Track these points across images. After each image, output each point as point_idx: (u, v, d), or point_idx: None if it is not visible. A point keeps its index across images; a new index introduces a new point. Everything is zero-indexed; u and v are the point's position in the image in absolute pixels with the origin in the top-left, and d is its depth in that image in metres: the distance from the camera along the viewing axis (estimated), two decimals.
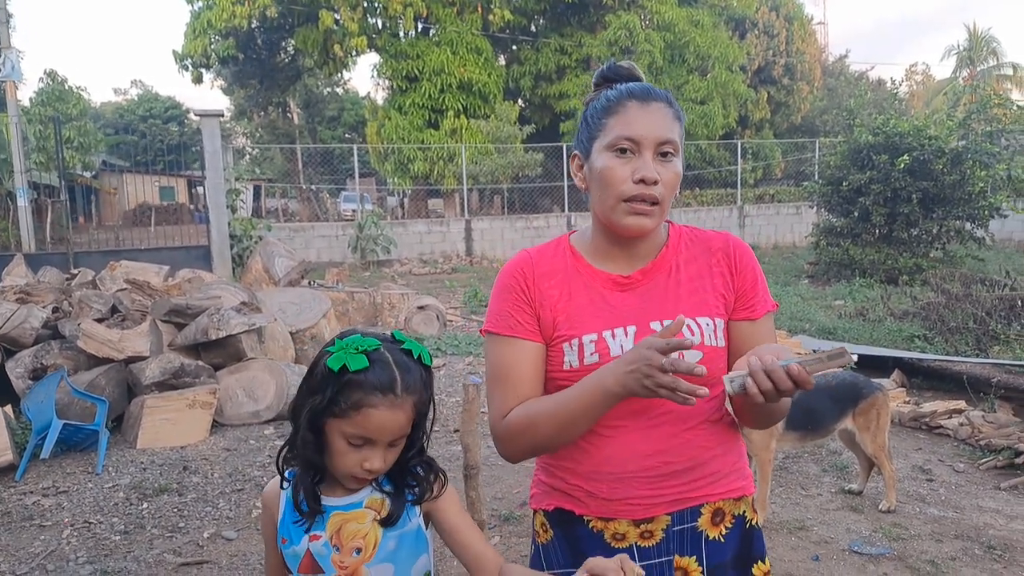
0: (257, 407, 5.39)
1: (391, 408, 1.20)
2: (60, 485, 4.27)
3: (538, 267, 1.42)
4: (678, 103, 1.37)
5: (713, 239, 1.44)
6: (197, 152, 12.60)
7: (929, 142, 11.32)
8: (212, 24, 21.02)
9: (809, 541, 3.53)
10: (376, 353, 1.22)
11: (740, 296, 1.39)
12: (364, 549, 1.27)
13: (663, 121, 1.31)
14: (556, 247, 1.46)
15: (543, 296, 1.39)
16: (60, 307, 5.71)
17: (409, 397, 1.22)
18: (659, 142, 1.30)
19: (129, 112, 44.17)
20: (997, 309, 7.24)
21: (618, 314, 1.36)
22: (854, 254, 12.08)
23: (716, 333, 1.35)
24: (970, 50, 33.68)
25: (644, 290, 1.38)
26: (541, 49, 23.03)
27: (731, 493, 1.41)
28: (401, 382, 1.21)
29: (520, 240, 18.43)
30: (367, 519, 1.28)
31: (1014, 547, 3.41)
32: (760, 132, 26.15)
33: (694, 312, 1.35)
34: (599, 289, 1.38)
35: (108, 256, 9.67)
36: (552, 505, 1.43)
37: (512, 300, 1.40)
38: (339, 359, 1.20)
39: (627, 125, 1.31)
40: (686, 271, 1.39)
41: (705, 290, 1.38)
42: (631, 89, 1.35)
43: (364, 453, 1.23)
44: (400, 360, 1.24)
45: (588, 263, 1.41)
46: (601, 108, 1.35)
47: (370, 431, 1.21)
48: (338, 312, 8.63)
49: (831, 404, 3.83)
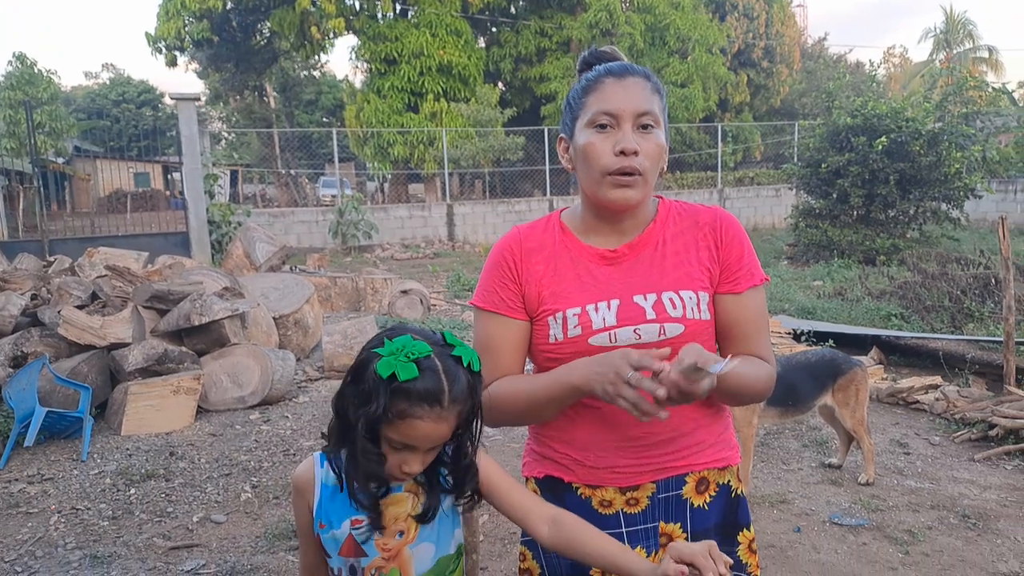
0: (242, 392, 5.39)
1: (436, 420, 1.19)
2: (45, 472, 4.24)
3: (526, 243, 1.45)
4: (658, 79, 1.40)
5: (701, 213, 1.45)
6: (172, 137, 12.42)
7: (906, 124, 11.45)
8: (186, 6, 20.60)
9: (791, 513, 3.61)
10: (427, 361, 1.19)
11: (724, 269, 1.41)
12: (407, 532, 1.29)
13: (640, 94, 1.34)
14: (546, 223, 1.49)
15: (530, 272, 1.42)
16: (39, 294, 5.63)
17: (455, 407, 1.20)
18: (637, 114, 1.33)
19: (101, 96, 43.18)
20: (971, 288, 7.39)
21: (602, 288, 1.39)
22: (833, 235, 12.23)
23: (699, 306, 1.37)
24: (947, 33, 34.03)
25: (630, 264, 1.41)
26: (521, 31, 22.87)
27: (716, 463, 1.44)
28: (448, 394, 1.19)
29: (502, 224, 18.41)
30: (407, 503, 1.29)
31: (987, 516, 3.52)
32: (740, 115, 26.24)
33: (677, 286, 1.37)
34: (585, 263, 1.42)
35: (84, 243, 9.54)
36: (543, 473, 1.48)
37: (499, 277, 1.44)
38: (388, 365, 1.17)
39: (605, 100, 1.34)
40: (672, 245, 1.42)
41: (690, 263, 1.40)
42: (609, 67, 1.38)
43: (403, 456, 1.23)
44: (449, 368, 1.21)
45: (576, 238, 1.44)
46: (581, 88, 1.39)
47: (412, 440, 1.20)
48: (321, 297, 8.61)
49: (811, 380, 3.89)
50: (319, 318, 7.44)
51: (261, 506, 3.83)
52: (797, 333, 6.81)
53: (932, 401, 5.05)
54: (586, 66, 1.46)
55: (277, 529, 3.51)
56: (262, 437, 4.83)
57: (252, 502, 3.87)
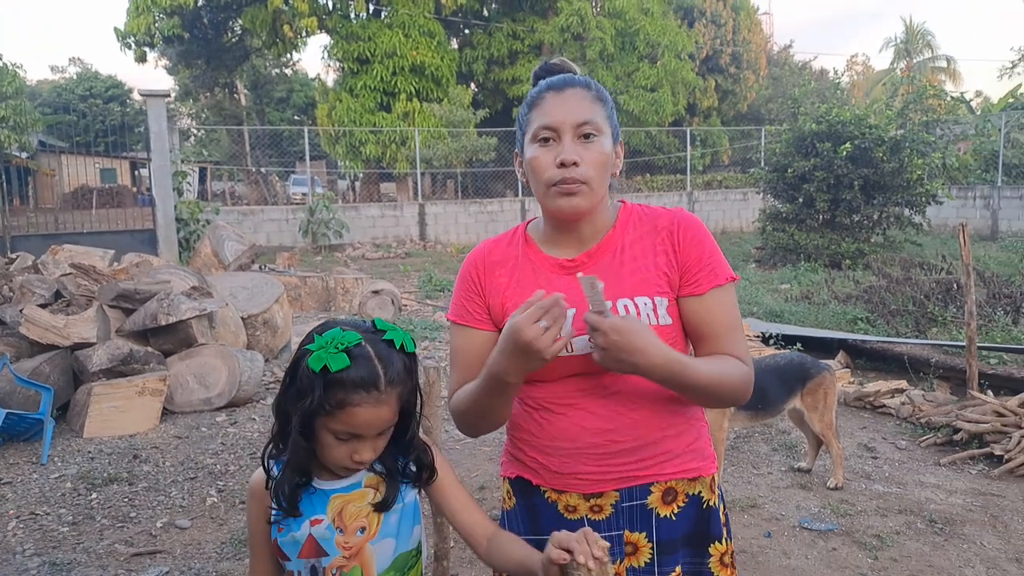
0: (209, 394, 5.29)
1: (375, 404, 1.21)
2: (3, 476, 4.12)
3: (491, 256, 1.49)
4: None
5: (661, 217, 1.44)
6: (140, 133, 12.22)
7: (870, 131, 11.68)
8: (156, 2, 20.27)
9: (761, 518, 3.63)
10: (357, 349, 1.21)
11: (684, 272, 1.39)
12: (368, 527, 1.29)
13: (579, 104, 1.36)
14: (512, 235, 1.52)
15: (493, 285, 1.46)
16: (1, 292, 5.48)
17: (393, 390, 1.23)
18: (576, 124, 1.35)
19: (68, 91, 42.25)
20: (934, 292, 7.54)
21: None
22: (799, 239, 12.42)
23: (656, 312, 1.37)
24: (907, 42, 34.87)
25: (588, 272, 1.40)
26: (494, 34, 22.90)
27: (684, 473, 1.42)
28: (384, 377, 1.21)
29: (474, 224, 18.38)
30: (367, 498, 1.30)
31: (954, 520, 3.57)
32: (708, 119, 26.58)
33: (633, 292, 1.37)
34: (546, 274, 1.43)
35: (47, 240, 9.32)
36: (515, 473, 1.50)
37: (465, 291, 1.49)
38: (320, 359, 1.19)
39: (544, 114, 1.37)
40: (630, 251, 1.41)
41: (647, 269, 1.40)
42: (550, 82, 1.41)
43: (353, 446, 1.24)
44: (382, 353, 1.23)
45: (539, 249, 1.47)
46: (526, 105, 1.43)
47: (356, 427, 1.22)
48: (291, 297, 8.51)
49: (780, 384, 3.92)
50: (288, 318, 7.35)
51: (227, 511, 3.76)
52: (766, 336, 6.89)
53: (898, 405, 5.13)
54: (537, 79, 1.48)
55: (243, 535, 3.44)
56: (229, 440, 4.75)
57: (218, 507, 3.80)
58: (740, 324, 1.44)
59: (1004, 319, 7.08)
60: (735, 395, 1.39)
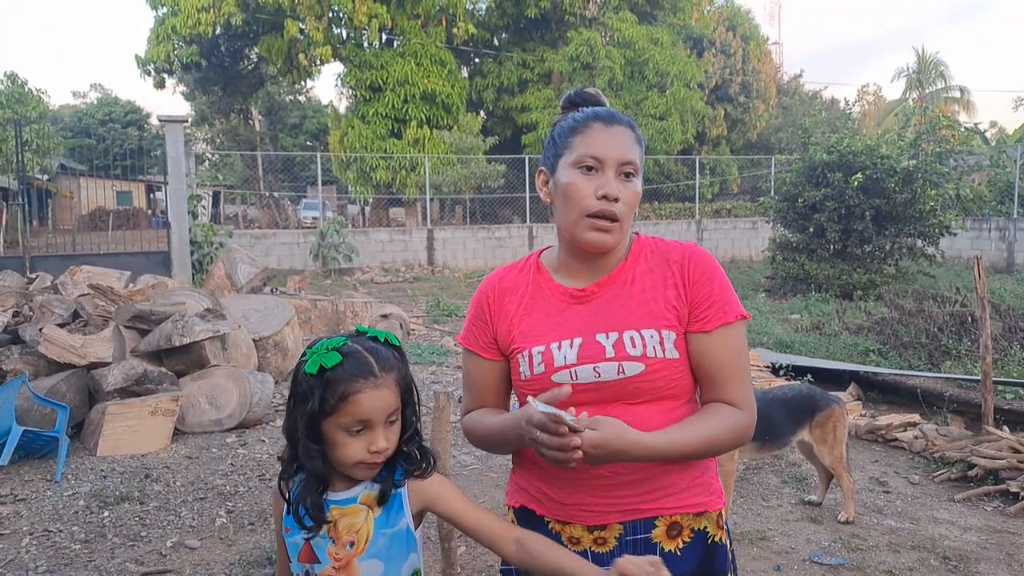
0: (219, 415, 5.31)
1: (375, 388, 1.28)
2: (18, 492, 4.15)
3: (502, 283, 1.52)
4: (638, 124, 1.45)
5: (673, 250, 1.45)
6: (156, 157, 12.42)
7: (881, 161, 11.68)
8: (176, 30, 20.71)
9: (771, 551, 3.59)
10: (346, 347, 1.30)
11: (693, 308, 1.39)
12: (357, 543, 1.33)
13: (626, 143, 1.39)
14: (524, 264, 1.54)
15: (503, 312, 1.49)
16: (21, 311, 5.55)
17: (388, 374, 1.31)
18: (621, 162, 1.38)
19: (88, 115, 43.12)
20: (948, 325, 7.47)
21: (568, 327, 1.41)
22: (810, 269, 12.37)
23: (663, 345, 1.36)
24: (919, 72, 34.98)
25: (598, 303, 1.43)
26: (504, 63, 23.22)
27: (689, 508, 1.41)
28: (377, 363, 1.30)
29: (482, 250, 18.46)
30: (361, 514, 1.34)
31: (968, 558, 3.51)
32: (717, 148, 26.72)
33: (640, 324, 1.38)
34: (556, 303, 1.45)
35: (65, 260, 9.43)
36: (519, 503, 1.50)
37: (476, 318, 1.53)
38: (315, 362, 1.28)
39: (592, 144, 1.38)
40: (640, 283, 1.42)
41: (656, 301, 1.40)
42: (597, 112, 1.43)
43: (367, 437, 1.30)
44: (369, 346, 1.33)
45: (550, 277, 1.48)
46: (568, 127, 1.43)
47: (364, 414, 1.28)
48: (301, 320, 8.54)
49: (788, 416, 3.88)
50: (299, 341, 7.38)
51: (236, 532, 3.76)
52: (776, 367, 6.86)
53: (911, 439, 5.06)
54: (570, 104, 1.51)
55: (252, 556, 3.45)
56: (238, 461, 4.76)
57: (227, 527, 3.81)
58: (746, 364, 1.42)
59: (1020, 353, 7.00)
60: (730, 447, 1.41)
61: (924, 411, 5.78)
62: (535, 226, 19.34)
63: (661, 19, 24.54)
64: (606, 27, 22.49)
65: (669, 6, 24.63)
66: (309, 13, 19.88)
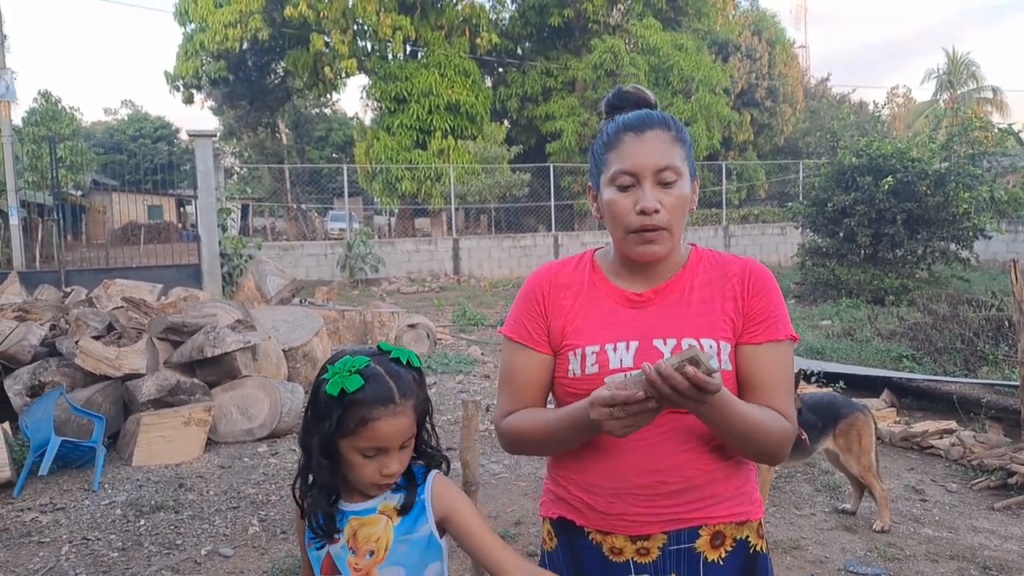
0: (251, 425, 5.38)
1: (394, 416, 1.29)
2: (57, 502, 4.24)
3: (557, 278, 1.48)
4: (680, 123, 1.42)
5: (732, 264, 1.46)
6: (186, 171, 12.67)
7: (912, 164, 11.50)
8: (204, 46, 21.11)
9: (805, 561, 3.54)
10: (368, 369, 1.30)
11: (747, 320, 1.40)
12: (376, 552, 1.34)
13: (660, 148, 1.35)
14: (579, 261, 1.52)
15: (558, 306, 1.45)
16: (57, 325, 5.69)
17: (407, 401, 1.31)
18: (657, 170, 1.35)
19: (119, 132, 44.10)
20: (984, 330, 7.31)
21: (624, 329, 1.40)
22: (840, 274, 12.21)
23: (720, 355, 1.36)
24: (950, 74, 34.39)
25: (655, 308, 1.42)
26: (527, 72, 23.28)
27: (732, 517, 1.41)
28: (397, 390, 1.30)
29: (507, 259, 18.50)
30: (380, 524, 1.35)
31: (1009, 568, 3.43)
32: (744, 153, 26.50)
33: (699, 333, 1.38)
34: (611, 304, 1.43)
35: (99, 274, 9.62)
36: (556, 514, 1.48)
37: (528, 310, 1.48)
38: (336, 384, 1.28)
39: (624, 159, 1.36)
40: (699, 293, 1.42)
41: (714, 312, 1.40)
42: (628, 121, 1.39)
43: (380, 461, 1.31)
44: (391, 370, 1.33)
45: (606, 278, 1.47)
46: (603, 144, 1.42)
47: (380, 441, 1.29)
48: (329, 330, 8.62)
49: (814, 423, 3.83)
50: (328, 351, 7.44)
51: (268, 540, 3.80)
52: (807, 374, 6.76)
53: (948, 446, 4.95)
54: (611, 108, 1.48)
55: (284, 564, 3.48)
56: (270, 470, 4.81)
57: (259, 536, 3.85)
58: (791, 383, 1.43)
59: None
60: (773, 447, 1.36)
61: (960, 418, 5.66)
62: (560, 234, 19.34)
63: (685, 25, 24.44)
64: (630, 34, 22.46)
65: (693, 12, 24.52)
66: (334, 27, 20.15)
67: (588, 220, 21.89)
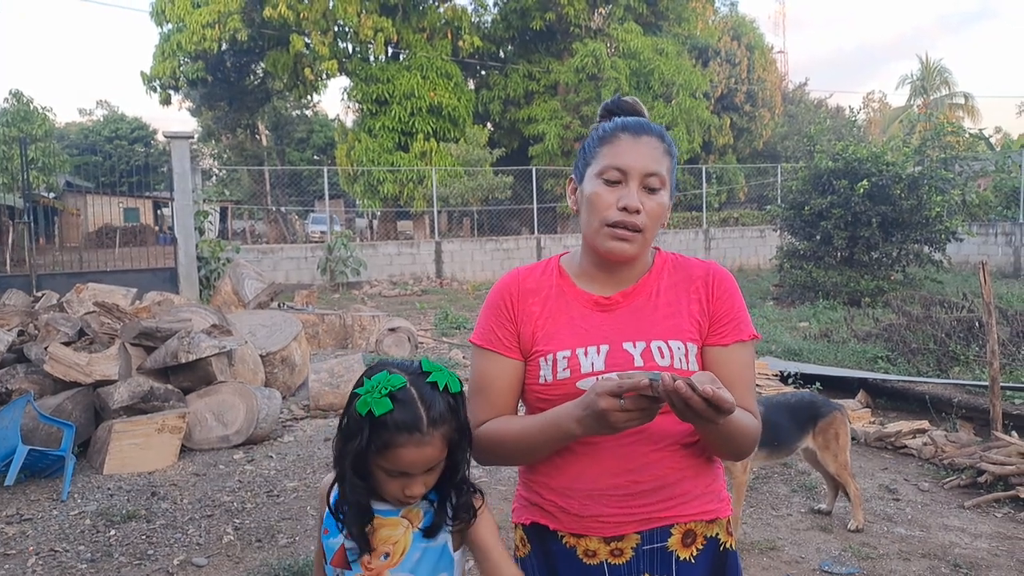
0: (227, 431, 5.32)
1: (418, 446, 1.26)
2: (24, 512, 4.16)
3: (524, 284, 1.49)
4: (672, 139, 1.44)
5: (696, 267, 1.49)
6: (163, 173, 12.56)
7: (887, 168, 11.66)
8: (182, 46, 20.88)
9: (780, 561, 3.57)
10: (402, 392, 1.26)
11: (713, 322, 1.43)
12: (392, 555, 1.33)
13: (652, 155, 1.38)
14: (545, 267, 1.52)
15: (526, 313, 1.45)
16: (26, 330, 5.59)
17: (437, 430, 1.27)
18: (645, 174, 1.37)
19: (95, 133, 43.54)
20: (956, 331, 7.42)
21: (594, 333, 1.41)
22: (817, 276, 12.34)
23: (687, 357, 1.39)
24: (923, 79, 34.97)
25: (622, 312, 1.43)
26: (510, 75, 23.32)
27: (703, 515, 1.43)
28: (426, 419, 1.26)
29: (490, 262, 18.49)
30: (400, 527, 1.34)
31: (979, 565, 3.48)
32: (723, 157, 26.69)
33: (667, 335, 1.40)
34: (579, 308, 1.44)
35: (72, 278, 9.48)
36: (529, 519, 1.48)
37: (496, 316, 1.48)
38: (365, 404, 1.25)
39: (617, 155, 1.38)
40: (665, 296, 1.44)
41: (680, 315, 1.42)
42: (626, 123, 1.42)
43: (403, 481, 1.30)
44: (425, 395, 1.28)
45: (573, 283, 1.47)
46: (597, 138, 1.43)
47: (402, 467, 1.27)
48: (309, 335, 8.57)
49: (792, 422, 3.89)
50: (306, 356, 7.40)
51: (243, 549, 3.76)
52: (784, 375, 6.83)
53: (920, 446, 5.03)
54: (606, 113, 1.50)
55: (259, 573, 3.44)
56: (246, 477, 4.76)
57: (234, 545, 3.80)
58: (753, 382, 1.47)
59: None
60: (749, 445, 1.39)
61: (933, 417, 5.75)
62: (543, 237, 19.37)
63: (666, 29, 24.60)
64: (611, 38, 22.55)
65: (674, 17, 24.70)
66: (314, 28, 20.04)
67: (571, 223, 21.96)
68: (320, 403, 6.21)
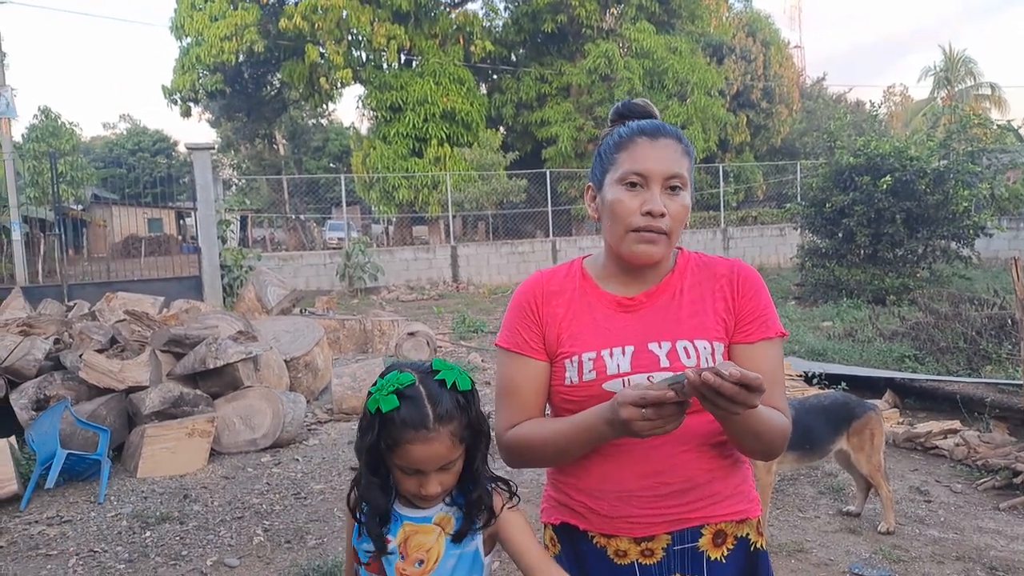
0: (254, 435, 5.38)
1: (425, 442, 1.27)
2: (64, 514, 4.24)
3: (548, 286, 1.49)
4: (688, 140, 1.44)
5: (719, 265, 1.48)
6: (185, 184, 12.73)
7: (911, 163, 11.47)
8: (201, 59, 21.20)
9: (809, 563, 3.52)
10: (409, 389, 1.29)
11: (739, 320, 1.42)
12: (426, 562, 1.34)
13: (671, 156, 1.38)
14: (568, 269, 1.53)
15: (550, 314, 1.46)
16: (61, 339, 5.70)
17: (444, 426, 1.28)
18: (667, 176, 1.37)
19: (118, 146, 44.35)
20: (987, 328, 7.24)
21: (618, 334, 1.41)
22: (840, 275, 12.16)
23: (714, 356, 1.38)
24: (947, 71, 34.22)
25: (646, 312, 1.43)
26: (522, 78, 23.36)
27: (733, 515, 1.43)
28: (432, 415, 1.28)
29: (505, 265, 18.52)
30: (433, 534, 1.35)
31: (1016, 568, 3.41)
32: (741, 155, 26.51)
33: (692, 335, 1.39)
34: (603, 310, 1.44)
35: (101, 288, 9.63)
36: (559, 519, 1.49)
37: (521, 318, 1.48)
38: (374, 401, 1.29)
39: (636, 160, 1.38)
40: (689, 295, 1.44)
41: (706, 313, 1.42)
42: (642, 126, 1.42)
43: (419, 479, 1.31)
44: (432, 392, 1.30)
45: (596, 284, 1.48)
46: (614, 143, 1.43)
47: (414, 463, 1.29)
48: (330, 339, 8.63)
49: (826, 424, 3.81)
50: (329, 360, 7.46)
51: (273, 550, 3.80)
52: (809, 375, 6.75)
53: (952, 447, 4.92)
54: (618, 116, 1.50)
55: (289, 574, 3.48)
56: (273, 480, 4.81)
57: (264, 546, 3.85)
58: (783, 380, 1.45)
59: None
60: (779, 443, 1.38)
61: (964, 417, 5.62)
62: (558, 239, 19.37)
63: (679, 28, 24.48)
64: (624, 38, 22.51)
65: (687, 14, 24.57)
66: (329, 38, 20.23)
67: (586, 225, 21.92)
68: (343, 407, 6.26)
